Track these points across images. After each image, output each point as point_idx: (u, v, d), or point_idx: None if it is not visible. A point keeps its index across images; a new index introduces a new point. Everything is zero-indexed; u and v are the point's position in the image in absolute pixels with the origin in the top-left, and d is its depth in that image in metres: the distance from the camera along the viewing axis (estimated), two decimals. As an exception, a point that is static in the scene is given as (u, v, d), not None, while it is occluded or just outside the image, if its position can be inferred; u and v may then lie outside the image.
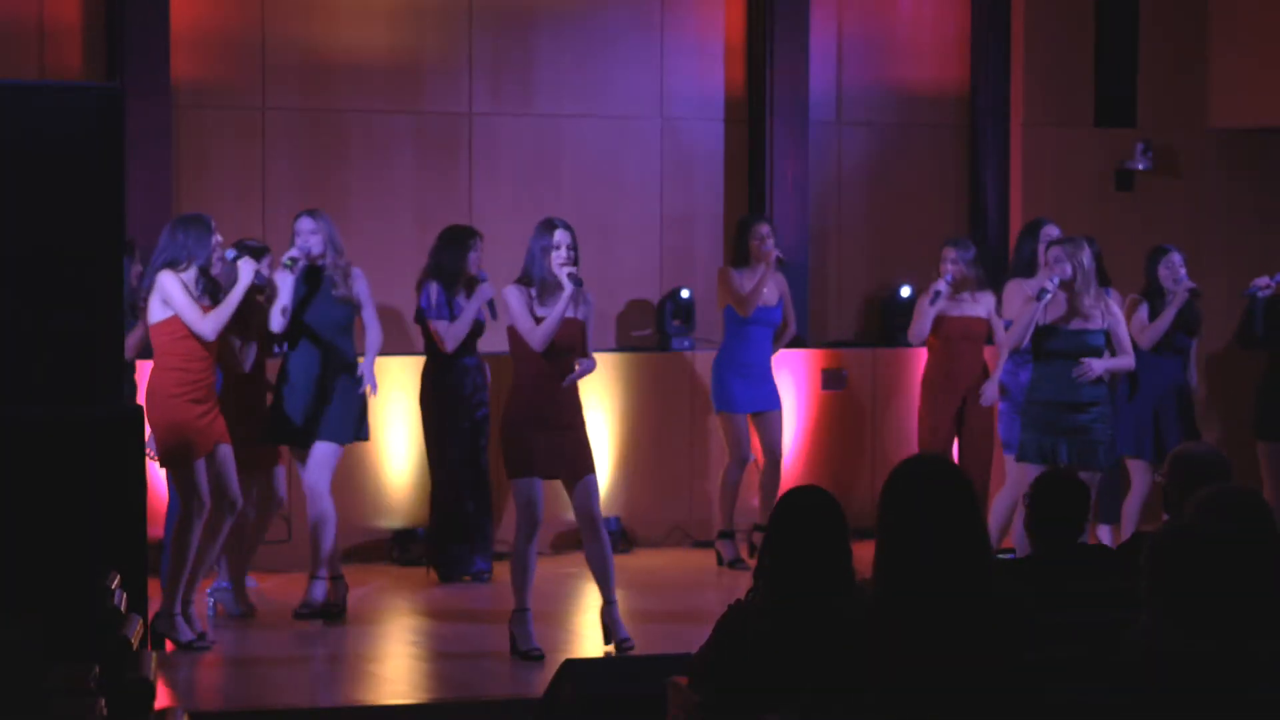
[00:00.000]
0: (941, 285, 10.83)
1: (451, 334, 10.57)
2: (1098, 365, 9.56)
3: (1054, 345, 9.60)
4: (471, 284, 10.64)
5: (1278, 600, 5.15)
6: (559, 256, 8.72)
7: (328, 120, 11.85)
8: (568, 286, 8.66)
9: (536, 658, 8.65)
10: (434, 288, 10.58)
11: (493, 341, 11.35)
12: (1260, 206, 13.34)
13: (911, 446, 11.40)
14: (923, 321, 10.87)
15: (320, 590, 9.58)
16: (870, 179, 12.97)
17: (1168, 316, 10.63)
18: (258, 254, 9.48)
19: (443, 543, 10.73)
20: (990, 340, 11.05)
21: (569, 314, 8.71)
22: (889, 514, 5.01)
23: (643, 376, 11.88)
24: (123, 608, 6.06)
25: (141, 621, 6.16)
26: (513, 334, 8.76)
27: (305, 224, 9.65)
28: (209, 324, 8.95)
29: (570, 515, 11.63)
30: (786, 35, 12.48)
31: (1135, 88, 12.97)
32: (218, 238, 9.13)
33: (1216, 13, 13.13)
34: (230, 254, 9.24)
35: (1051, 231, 10.58)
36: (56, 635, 5.52)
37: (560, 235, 8.74)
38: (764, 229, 11.17)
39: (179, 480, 8.99)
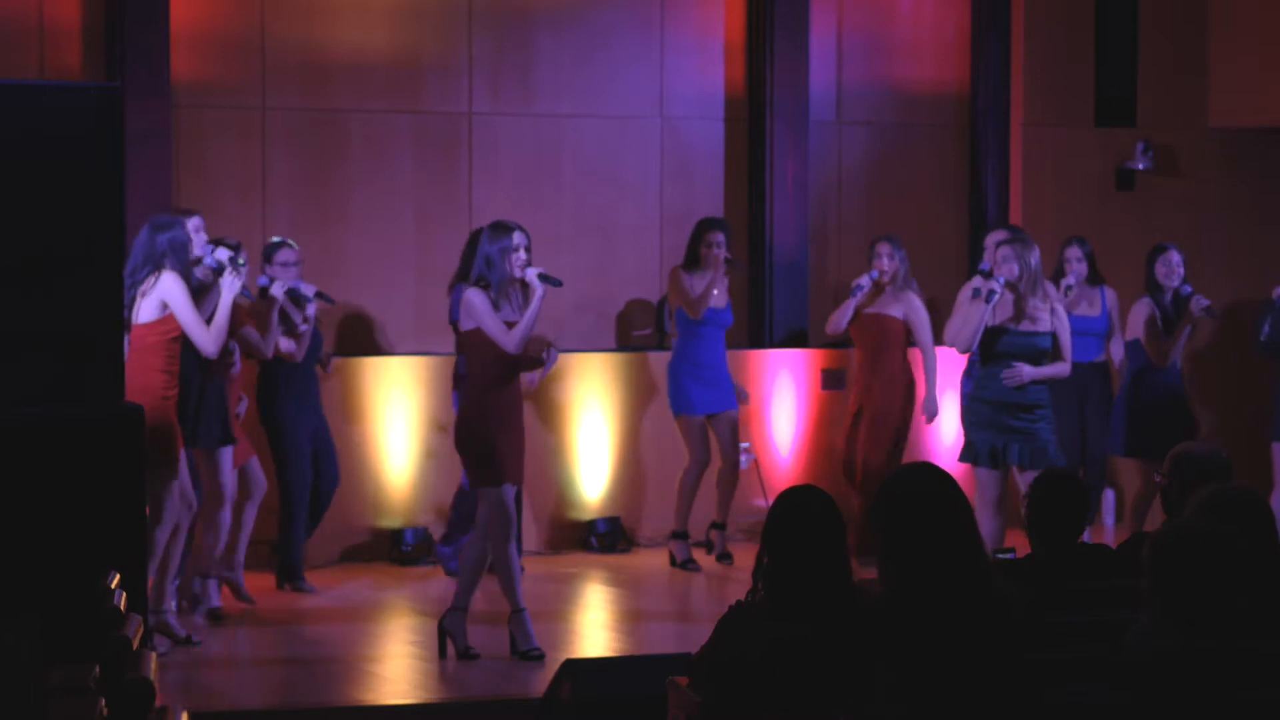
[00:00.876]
0: (865, 280, 10.83)
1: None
2: (1028, 372, 9.47)
3: (1003, 346, 9.51)
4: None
5: (1277, 600, 5.15)
6: (519, 259, 8.65)
7: (328, 120, 11.85)
8: (539, 288, 8.60)
9: (537, 657, 8.65)
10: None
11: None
12: (1260, 206, 13.34)
13: (908, 448, 11.37)
14: (841, 314, 10.89)
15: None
16: (870, 179, 12.97)
17: (1183, 336, 10.62)
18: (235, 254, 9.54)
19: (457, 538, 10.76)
20: (910, 343, 11.00)
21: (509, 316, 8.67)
22: (887, 522, 5.01)
23: (643, 376, 11.88)
24: (123, 608, 6.05)
25: (141, 621, 6.16)
26: (476, 337, 8.65)
27: (200, 221, 9.51)
28: (212, 343, 8.95)
29: (567, 514, 11.68)
30: (786, 35, 12.48)
31: (1135, 88, 12.97)
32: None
33: (1216, 13, 13.13)
34: (210, 257, 9.20)
35: (996, 235, 10.61)
36: (56, 635, 5.52)
37: (519, 237, 8.65)
38: (718, 236, 11.11)
39: (162, 481, 8.80)
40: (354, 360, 11.36)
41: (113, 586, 6.23)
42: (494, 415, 8.64)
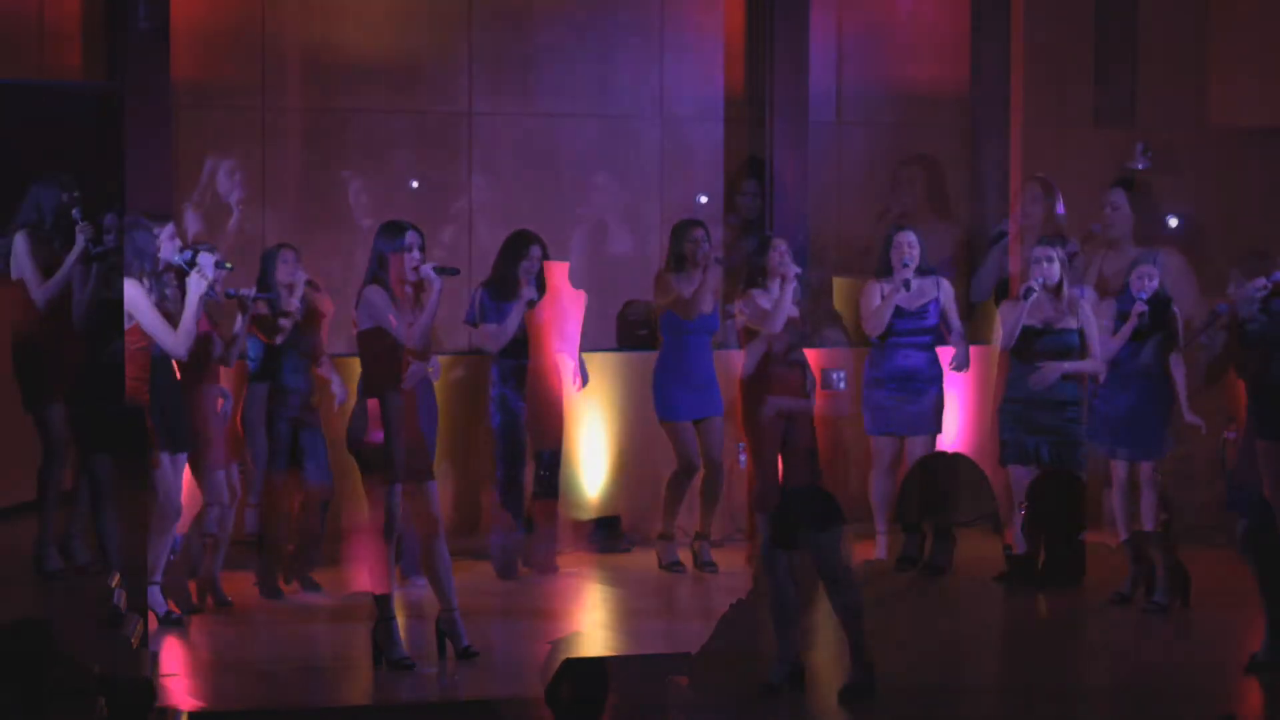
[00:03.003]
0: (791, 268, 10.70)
1: (494, 336, 10.63)
2: (1052, 369, 9.79)
3: (1039, 346, 9.81)
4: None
5: None
6: (413, 259, 8.60)
7: (328, 120, 11.85)
8: (436, 281, 8.57)
9: (408, 666, 8.56)
10: (480, 293, 10.70)
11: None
12: (1260, 207, 13.34)
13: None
14: (780, 315, 10.73)
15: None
16: (870, 179, 12.96)
17: (1124, 334, 10.53)
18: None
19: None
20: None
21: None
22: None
23: (643, 376, 11.86)
24: (123, 608, 6.07)
25: (141, 621, 6.17)
26: (373, 335, 8.60)
27: (172, 229, 9.46)
28: (181, 344, 8.78)
29: (567, 514, 11.67)
30: (786, 35, 12.47)
31: (1135, 88, 12.97)
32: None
33: (1216, 13, 13.14)
34: (177, 257, 9.14)
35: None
36: (56, 635, 5.53)
37: (411, 236, 8.58)
38: (698, 233, 11.09)
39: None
40: (354, 360, 11.35)
41: (113, 586, 6.25)
42: (388, 414, 8.57)
